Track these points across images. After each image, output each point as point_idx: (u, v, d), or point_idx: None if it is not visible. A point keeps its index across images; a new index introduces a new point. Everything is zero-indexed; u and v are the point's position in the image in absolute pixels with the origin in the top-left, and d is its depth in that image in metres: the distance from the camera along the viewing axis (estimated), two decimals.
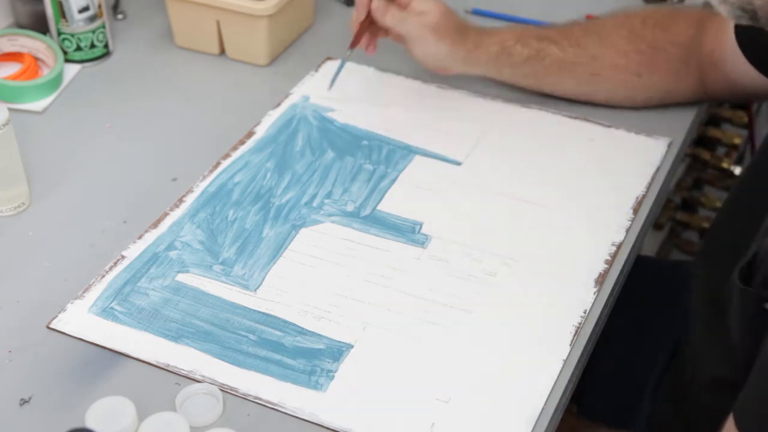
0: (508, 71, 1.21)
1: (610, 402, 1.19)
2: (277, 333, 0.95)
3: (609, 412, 1.14)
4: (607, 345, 1.04)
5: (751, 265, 0.90)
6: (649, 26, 1.19)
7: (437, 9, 1.16)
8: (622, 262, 1.04)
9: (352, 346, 0.94)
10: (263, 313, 0.97)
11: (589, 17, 1.39)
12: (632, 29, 1.19)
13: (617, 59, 1.18)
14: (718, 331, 0.99)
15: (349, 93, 1.26)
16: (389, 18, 1.16)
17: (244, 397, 0.89)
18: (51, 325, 0.95)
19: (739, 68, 1.12)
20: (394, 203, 1.10)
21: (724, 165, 1.64)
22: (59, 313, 0.96)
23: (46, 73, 1.26)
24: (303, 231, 1.06)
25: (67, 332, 0.94)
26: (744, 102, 1.57)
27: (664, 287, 1.28)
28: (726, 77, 1.15)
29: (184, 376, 0.91)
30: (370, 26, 1.20)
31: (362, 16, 1.18)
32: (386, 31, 1.21)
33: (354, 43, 1.20)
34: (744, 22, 0.84)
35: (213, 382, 0.90)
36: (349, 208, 1.09)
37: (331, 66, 1.30)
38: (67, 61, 1.29)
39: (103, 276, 1.00)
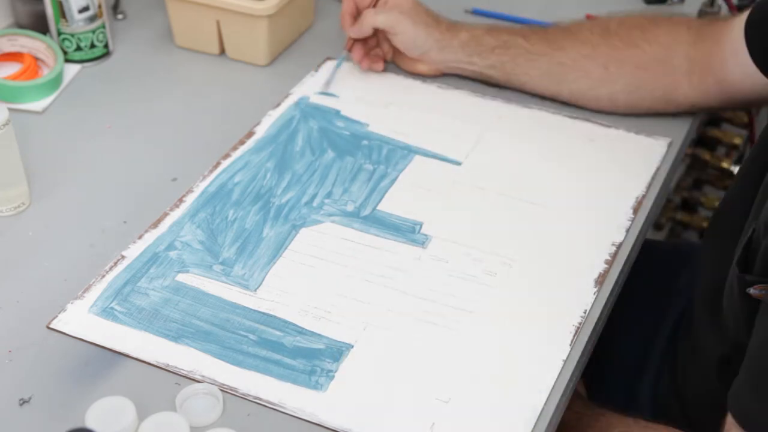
0: (478, 60, 1.23)
1: (615, 385, 1.20)
2: (277, 333, 0.95)
3: (615, 396, 1.15)
4: (612, 328, 1.05)
5: (747, 249, 0.91)
6: (626, 26, 1.19)
7: (408, 0, 1.24)
8: (622, 262, 1.04)
9: (352, 346, 0.94)
10: (263, 313, 0.97)
11: (588, 17, 1.39)
12: (607, 28, 1.20)
13: (585, 50, 1.19)
14: (718, 313, 0.99)
15: (349, 93, 1.26)
16: (368, 15, 1.22)
17: (244, 397, 0.89)
18: (51, 325, 0.95)
19: (743, 72, 1.11)
20: (394, 203, 1.10)
21: (724, 165, 1.64)
22: (59, 313, 0.96)
23: (46, 73, 1.26)
24: (303, 231, 1.06)
25: (67, 332, 0.94)
26: (735, 109, 1.56)
27: (667, 268, 1.29)
28: (721, 83, 1.14)
29: (184, 376, 0.91)
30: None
31: (348, 18, 1.26)
32: (376, 42, 1.28)
33: (348, 47, 1.27)
34: None
35: (213, 382, 0.90)
36: (349, 208, 1.09)
37: (330, 66, 1.30)
38: (67, 61, 1.29)
39: (103, 276, 1.00)
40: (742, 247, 0.92)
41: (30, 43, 1.27)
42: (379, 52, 1.29)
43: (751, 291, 0.89)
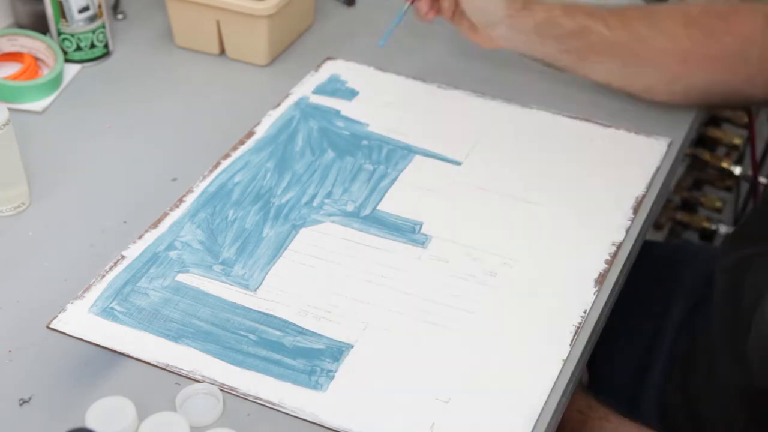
0: (552, 43, 1.15)
1: (618, 387, 1.20)
2: (277, 333, 0.95)
3: (618, 397, 1.14)
4: (611, 328, 1.05)
5: None
6: (708, 16, 1.14)
7: None
8: (622, 262, 1.04)
9: (352, 346, 0.94)
10: (263, 313, 0.97)
11: None
12: (689, 15, 1.14)
13: (665, 42, 1.13)
14: (738, 338, 0.98)
15: (349, 93, 1.26)
16: None
17: (244, 397, 0.89)
18: (51, 325, 0.95)
19: None
20: (394, 203, 1.10)
21: (724, 165, 1.64)
22: (59, 313, 0.96)
23: (46, 73, 1.26)
24: (303, 231, 1.06)
25: (67, 332, 0.94)
26: None
27: (667, 268, 1.29)
28: None
29: (184, 376, 0.91)
30: None
31: None
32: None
33: None
34: None
35: (213, 382, 0.90)
36: (349, 208, 1.09)
37: (330, 66, 1.31)
38: (67, 61, 1.29)
39: (103, 276, 1.00)
40: None
41: (30, 43, 1.27)
42: (438, 8, 1.17)
43: None
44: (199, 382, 0.90)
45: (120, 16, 1.40)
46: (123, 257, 1.02)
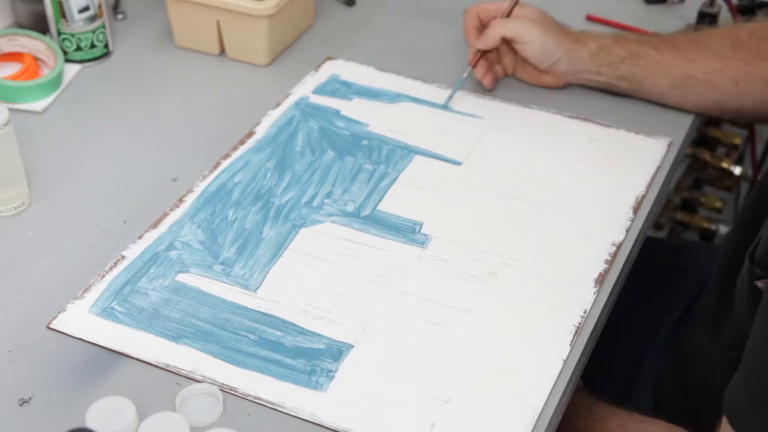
0: (607, 70, 1.21)
1: (613, 382, 1.20)
2: (277, 333, 0.95)
3: (613, 393, 1.15)
4: (611, 328, 1.05)
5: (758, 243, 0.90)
6: (756, 37, 1.17)
7: (535, 9, 1.23)
8: (622, 262, 1.04)
9: (352, 346, 0.94)
10: (263, 313, 0.97)
11: (588, 17, 1.39)
12: (737, 39, 1.18)
13: (716, 63, 1.17)
14: (728, 309, 0.99)
15: (349, 93, 1.26)
16: (497, 25, 1.21)
17: (244, 397, 0.89)
18: (51, 325, 0.95)
19: None
20: (394, 203, 1.10)
21: (724, 165, 1.64)
22: (59, 313, 0.96)
23: (46, 73, 1.26)
24: (303, 231, 1.06)
25: (67, 332, 0.94)
26: None
27: (668, 266, 1.29)
28: None
29: (184, 376, 0.91)
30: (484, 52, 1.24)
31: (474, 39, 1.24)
32: (497, 57, 1.26)
33: (473, 63, 1.24)
34: None
35: (213, 382, 0.90)
36: (349, 208, 1.09)
37: (330, 66, 1.30)
38: (67, 61, 1.29)
39: (103, 276, 1.00)
40: (755, 242, 0.91)
41: (30, 43, 1.27)
42: (498, 70, 1.27)
43: (759, 284, 0.88)
44: (199, 382, 0.90)
45: (120, 16, 1.40)
46: (123, 257, 1.02)
